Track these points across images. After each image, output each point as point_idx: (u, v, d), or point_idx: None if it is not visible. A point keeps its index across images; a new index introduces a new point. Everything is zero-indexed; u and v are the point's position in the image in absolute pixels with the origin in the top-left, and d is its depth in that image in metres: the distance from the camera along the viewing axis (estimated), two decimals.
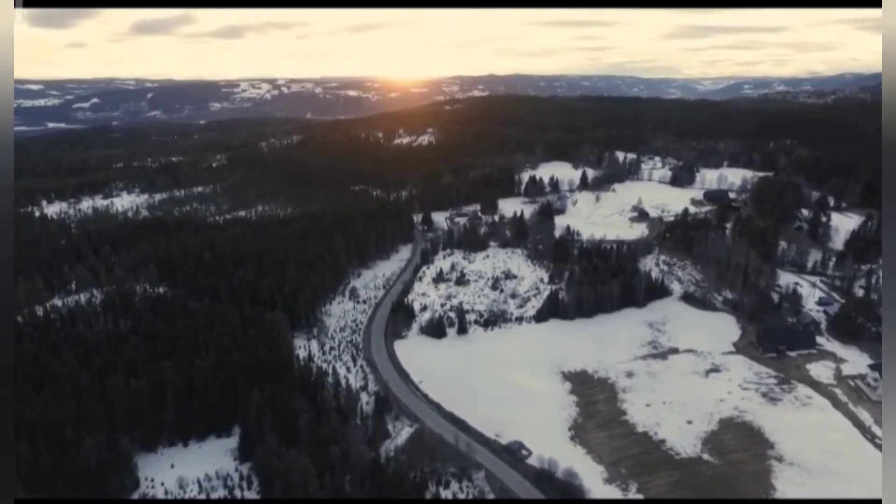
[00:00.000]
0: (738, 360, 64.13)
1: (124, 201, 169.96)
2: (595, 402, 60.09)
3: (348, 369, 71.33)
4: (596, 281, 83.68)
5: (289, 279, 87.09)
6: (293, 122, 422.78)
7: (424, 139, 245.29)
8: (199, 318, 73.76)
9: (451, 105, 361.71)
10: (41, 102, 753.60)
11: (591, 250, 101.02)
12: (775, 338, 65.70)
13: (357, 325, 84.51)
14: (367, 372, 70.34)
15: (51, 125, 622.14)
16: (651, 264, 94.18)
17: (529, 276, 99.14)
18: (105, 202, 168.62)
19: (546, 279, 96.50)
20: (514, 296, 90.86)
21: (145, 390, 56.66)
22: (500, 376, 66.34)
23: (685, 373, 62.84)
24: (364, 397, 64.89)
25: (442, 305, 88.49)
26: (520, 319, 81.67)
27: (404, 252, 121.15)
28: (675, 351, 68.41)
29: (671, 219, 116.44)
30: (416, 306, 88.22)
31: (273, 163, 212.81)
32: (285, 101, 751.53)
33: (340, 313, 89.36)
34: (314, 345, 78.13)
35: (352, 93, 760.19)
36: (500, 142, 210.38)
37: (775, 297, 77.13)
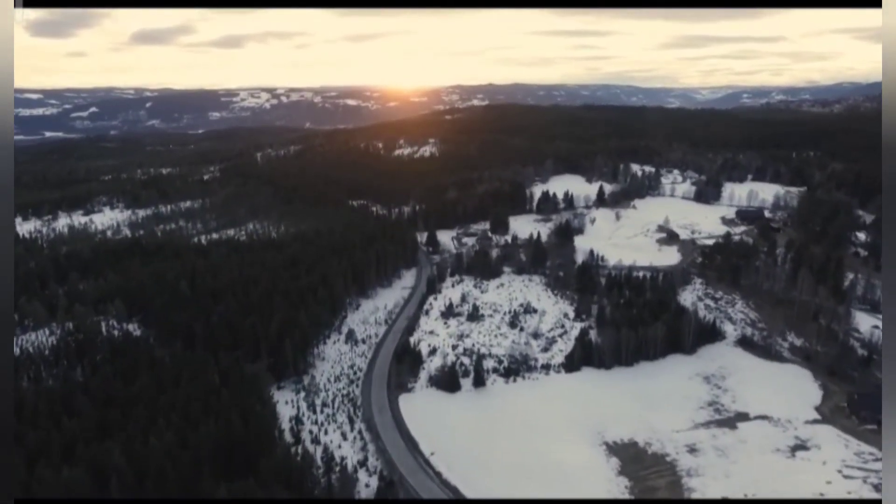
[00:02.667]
0: (829, 434, 51.96)
1: (105, 218, 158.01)
2: (654, 489, 47.76)
3: (344, 436, 58.86)
4: (634, 320, 71.54)
5: (276, 317, 74.83)
6: (292, 132, 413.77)
7: (426, 150, 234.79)
8: (164, 371, 61.54)
9: (452, 114, 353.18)
10: (39, 111, 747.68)
11: (620, 279, 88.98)
12: (874, 404, 53.50)
13: (355, 373, 72.14)
14: (366, 440, 57.88)
15: (48, 134, 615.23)
16: (692, 298, 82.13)
17: (551, 309, 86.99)
18: (84, 219, 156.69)
19: (571, 314, 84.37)
20: (536, 335, 78.64)
21: (81, 481, 44.20)
22: (530, 447, 54.07)
23: (764, 449, 50.60)
24: (363, 477, 52.42)
25: (454, 348, 76.19)
26: (546, 368, 69.36)
27: (408, 278, 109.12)
28: (744, 417, 56.17)
29: (706, 241, 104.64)
30: (424, 348, 75.95)
31: (268, 175, 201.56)
32: (284, 110, 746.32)
33: (336, 356, 77.03)
34: (303, 400, 65.62)
35: (351, 102, 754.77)
36: (506, 153, 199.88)
37: (856, 345, 65.05)
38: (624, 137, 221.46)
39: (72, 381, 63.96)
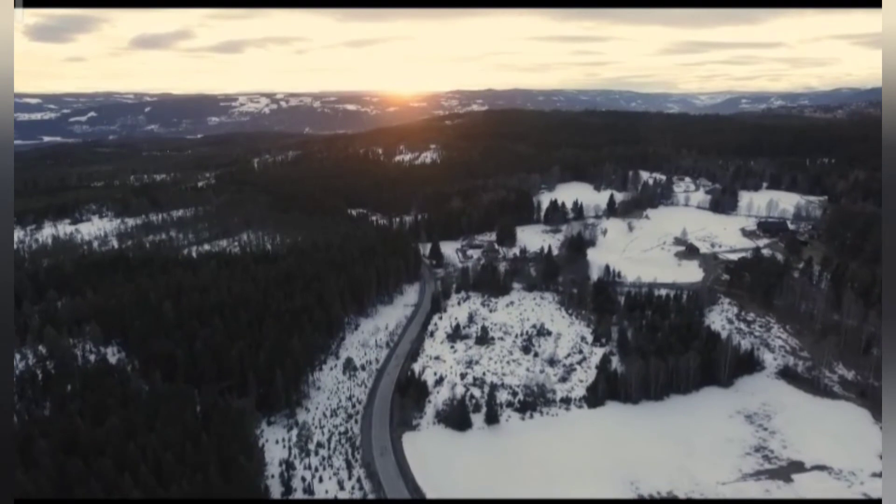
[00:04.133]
0: None
1: (93, 227, 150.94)
2: None
3: (340, 484, 51.85)
4: (662, 347, 64.78)
5: (267, 344, 68.00)
6: (291, 137, 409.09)
7: (427, 156, 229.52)
8: (138, 409, 54.61)
9: (452, 119, 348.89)
10: (38, 116, 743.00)
11: (640, 299, 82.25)
12: None
13: (354, 406, 65.22)
14: (366, 490, 50.90)
15: (46, 139, 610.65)
16: (721, 321, 75.42)
17: (567, 331, 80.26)
18: (71, 228, 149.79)
19: (589, 337, 77.62)
20: (552, 362, 71.81)
21: None
22: (553, 499, 47.06)
23: None
24: None
25: (462, 377, 69.33)
26: (566, 401, 62.42)
27: (410, 294, 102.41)
28: (799, 466, 49.25)
29: (728, 256, 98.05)
30: (429, 377, 69.08)
31: (264, 182, 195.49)
32: (283, 115, 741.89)
33: (332, 385, 70.09)
34: (296, 441, 58.53)
35: (350, 107, 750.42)
36: (510, 159, 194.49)
37: None
38: (630, 143, 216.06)
39: (36, 419, 56.97)
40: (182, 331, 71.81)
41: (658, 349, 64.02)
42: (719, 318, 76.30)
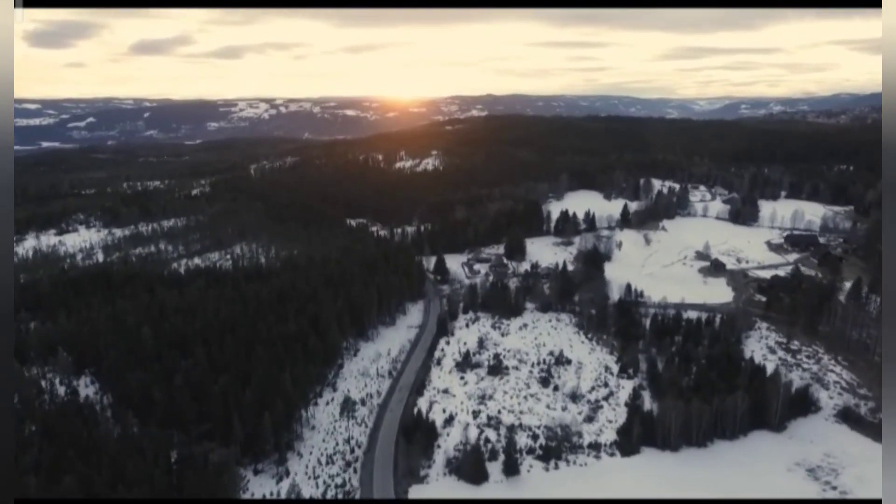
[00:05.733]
0: None
1: (79, 238, 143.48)
2: None
3: None
4: (701, 383, 57.25)
5: (254, 378, 60.40)
6: (290, 142, 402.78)
7: (429, 163, 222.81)
8: (103, 462, 47.00)
9: (453, 125, 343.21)
10: (37, 121, 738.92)
11: (668, 323, 74.71)
12: None
13: (353, 450, 57.58)
14: None
15: (45, 144, 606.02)
16: (761, 349, 67.86)
17: (588, 360, 72.69)
18: (55, 240, 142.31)
19: (614, 367, 70.04)
20: (574, 397, 64.23)
21: None
22: None
23: None
24: None
25: (475, 415, 61.70)
26: (595, 447, 54.75)
27: (414, 314, 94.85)
28: None
29: (757, 272, 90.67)
30: (438, 415, 61.52)
31: (260, 190, 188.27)
32: (283, 120, 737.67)
33: (329, 424, 62.45)
34: (285, 490, 50.94)
35: (350, 112, 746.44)
36: (514, 166, 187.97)
37: None
38: (635, 149, 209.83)
39: None
40: (161, 362, 64.27)
41: (696, 385, 56.49)
42: (759, 347, 68.77)
